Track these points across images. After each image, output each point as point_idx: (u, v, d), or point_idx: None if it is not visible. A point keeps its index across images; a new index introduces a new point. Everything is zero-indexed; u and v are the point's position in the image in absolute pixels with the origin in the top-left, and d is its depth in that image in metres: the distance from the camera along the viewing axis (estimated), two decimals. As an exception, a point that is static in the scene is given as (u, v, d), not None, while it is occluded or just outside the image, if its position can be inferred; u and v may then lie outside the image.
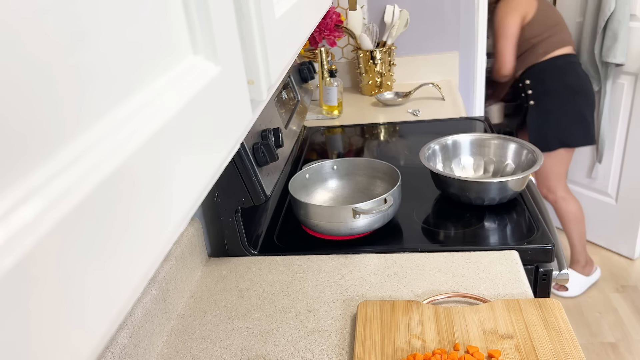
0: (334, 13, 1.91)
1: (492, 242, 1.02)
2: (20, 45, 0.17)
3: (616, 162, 2.35)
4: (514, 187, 1.08)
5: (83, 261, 0.19)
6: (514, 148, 1.21)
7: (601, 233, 2.50)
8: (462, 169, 1.26)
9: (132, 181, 0.22)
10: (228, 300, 0.94)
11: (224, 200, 1.00)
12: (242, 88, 0.37)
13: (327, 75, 1.83)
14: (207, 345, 0.84)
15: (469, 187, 1.09)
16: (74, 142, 0.20)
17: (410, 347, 0.77)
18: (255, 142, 1.00)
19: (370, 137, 1.65)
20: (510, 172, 1.20)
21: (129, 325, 0.77)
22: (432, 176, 1.16)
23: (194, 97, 0.29)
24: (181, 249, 0.95)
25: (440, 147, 1.25)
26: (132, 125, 0.23)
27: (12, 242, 0.16)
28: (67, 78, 0.20)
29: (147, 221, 0.24)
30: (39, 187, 0.18)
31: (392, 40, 2.00)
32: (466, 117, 1.69)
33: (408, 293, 0.90)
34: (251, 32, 0.38)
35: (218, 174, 0.34)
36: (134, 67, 0.24)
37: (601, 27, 2.17)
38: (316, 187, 1.21)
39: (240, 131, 0.37)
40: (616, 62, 2.17)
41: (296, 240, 1.09)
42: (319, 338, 0.83)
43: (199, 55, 0.31)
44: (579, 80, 2.13)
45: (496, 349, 0.74)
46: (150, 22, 0.26)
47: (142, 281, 0.23)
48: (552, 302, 0.81)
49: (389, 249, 1.03)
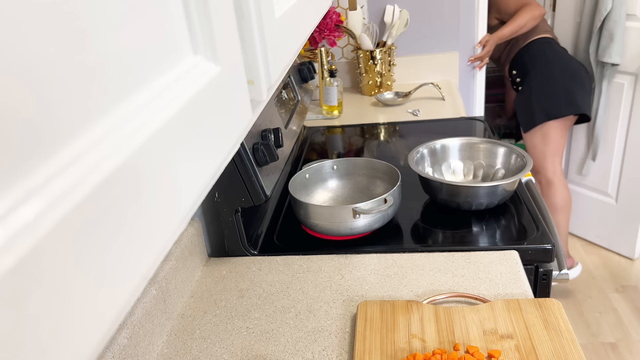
0: (334, 13, 1.91)
1: (492, 242, 1.02)
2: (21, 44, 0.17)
3: (616, 162, 2.35)
4: (504, 192, 1.07)
5: (83, 261, 0.19)
6: (503, 152, 1.21)
7: (601, 233, 2.50)
8: (452, 174, 1.25)
9: (132, 181, 0.22)
10: (228, 300, 0.94)
11: (224, 200, 1.00)
12: (242, 88, 0.37)
13: (327, 75, 1.83)
14: (207, 345, 0.84)
15: (458, 192, 1.07)
16: (74, 141, 0.20)
17: (410, 347, 0.77)
18: (255, 142, 1.00)
19: (370, 137, 1.65)
20: (500, 176, 1.19)
21: (129, 325, 0.77)
22: (420, 181, 1.15)
23: (194, 97, 0.29)
24: (181, 249, 0.95)
25: (428, 151, 1.24)
26: (132, 126, 0.23)
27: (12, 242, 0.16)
28: (67, 78, 0.20)
29: (148, 221, 0.24)
30: (39, 186, 0.18)
31: (392, 40, 2.00)
32: (466, 117, 1.69)
33: (408, 293, 0.90)
34: (251, 32, 0.38)
35: (218, 173, 0.34)
36: (133, 67, 0.24)
37: (597, 27, 2.17)
38: (316, 187, 1.21)
39: (240, 131, 0.37)
40: (612, 62, 2.17)
41: (296, 240, 1.09)
42: (319, 338, 0.83)
43: (199, 55, 0.31)
44: (557, 55, 2.14)
45: (496, 349, 0.74)
46: (150, 22, 0.26)
47: (142, 281, 0.23)
48: (552, 302, 0.81)
49: (389, 249, 1.03)
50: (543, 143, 2.15)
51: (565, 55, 2.17)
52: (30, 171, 0.17)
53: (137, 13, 0.25)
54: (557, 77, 2.11)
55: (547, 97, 2.11)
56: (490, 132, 1.56)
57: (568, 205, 2.19)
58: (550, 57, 2.13)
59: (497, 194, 1.07)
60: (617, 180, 2.37)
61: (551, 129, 2.13)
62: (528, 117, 2.15)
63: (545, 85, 2.12)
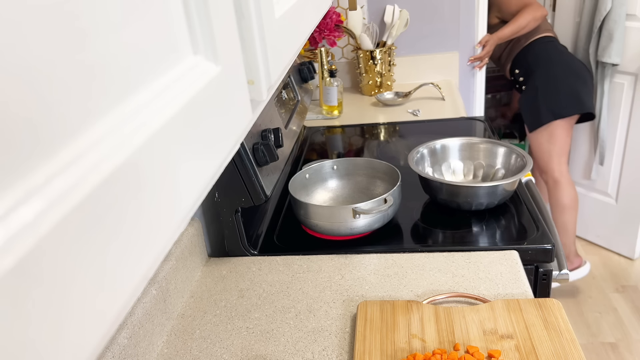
0: (334, 13, 1.91)
1: (492, 242, 1.02)
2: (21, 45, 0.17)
3: (616, 162, 2.35)
4: (504, 192, 1.07)
5: (83, 261, 0.19)
6: (503, 152, 1.21)
7: (601, 233, 2.50)
8: (452, 174, 1.25)
9: (132, 181, 0.22)
10: (228, 300, 0.94)
11: (224, 200, 1.00)
12: (242, 88, 0.37)
13: (327, 75, 1.83)
14: (207, 345, 0.84)
15: (458, 192, 1.07)
16: (74, 141, 0.20)
17: (410, 347, 0.77)
18: (255, 142, 1.00)
19: (370, 137, 1.65)
20: (500, 176, 1.19)
21: (129, 325, 0.77)
22: (420, 181, 1.15)
23: (194, 98, 0.29)
24: (181, 249, 0.95)
25: (428, 151, 1.24)
26: (132, 126, 0.23)
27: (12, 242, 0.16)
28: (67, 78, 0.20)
29: (148, 221, 0.24)
30: (39, 186, 0.18)
31: (392, 40, 2.00)
32: (466, 117, 1.69)
33: (408, 293, 0.90)
34: (251, 32, 0.38)
35: (218, 173, 0.34)
36: (133, 67, 0.24)
37: (597, 27, 2.17)
38: (316, 187, 1.21)
39: (240, 131, 0.37)
40: (611, 62, 2.17)
41: (296, 240, 1.09)
42: (319, 338, 0.83)
43: (199, 55, 0.31)
44: (560, 54, 2.14)
45: (496, 349, 0.74)
46: (151, 22, 0.26)
47: (142, 281, 0.23)
48: (552, 302, 0.81)
49: (389, 249, 1.03)
50: (549, 142, 2.14)
51: (567, 54, 2.16)
52: (30, 171, 0.17)
53: (137, 13, 0.25)
54: (561, 76, 2.10)
55: (552, 97, 2.10)
56: (490, 132, 1.56)
57: (575, 204, 2.17)
58: (554, 56, 2.13)
59: (497, 194, 1.07)
60: (617, 180, 2.37)
61: (557, 128, 2.12)
62: (534, 116, 2.13)
63: (550, 85, 2.11)
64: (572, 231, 2.20)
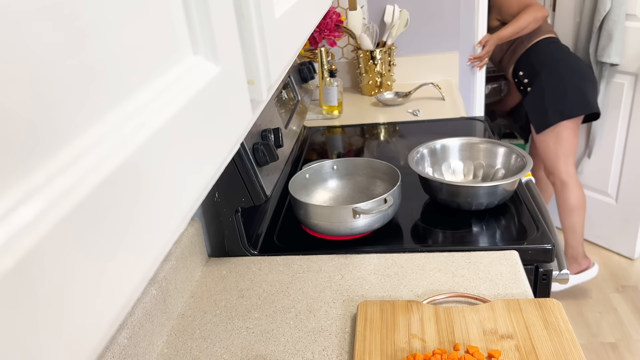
0: (334, 13, 1.91)
1: (492, 242, 1.02)
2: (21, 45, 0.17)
3: (616, 162, 2.35)
4: (504, 192, 1.07)
5: (83, 260, 0.19)
6: (503, 152, 1.21)
7: (601, 233, 2.50)
8: (452, 174, 1.25)
9: (132, 181, 0.23)
10: (228, 300, 0.94)
11: (224, 200, 1.00)
12: (242, 88, 0.37)
13: (327, 75, 1.83)
14: (207, 345, 0.84)
15: (458, 192, 1.07)
16: (74, 141, 0.20)
17: (410, 347, 0.77)
18: (255, 142, 1.00)
19: (370, 137, 1.65)
20: (500, 176, 1.19)
21: (129, 325, 0.77)
22: (420, 181, 1.15)
23: (194, 98, 0.29)
24: (181, 249, 0.95)
25: (428, 151, 1.24)
26: (132, 126, 0.23)
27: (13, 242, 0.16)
28: (67, 78, 0.20)
29: (147, 221, 0.24)
30: (39, 186, 0.18)
31: (392, 40, 2.00)
32: (466, 117, 1.69)
33: (408, 293, 0.90)
34: (251, 32, 0.38)
35: (218, 173, 0.34)
36: (133, 67, 0.24)
37: (596, 26, 2.17)
38: (316, 187, 1.21)
39: (240, 131, 0.37)
40: (611, 62, 2.17)
41: (296, 240, 1.09)
42: (319, 338, 0.83)
43: (199, 56, 0.31)
44: (564, 54, 2.13)
45: (496, 349, 0.74)
46: (151, 22, 0.26)
47: (142, 281, 0.23)
48: (552, 302, 0.81)
49: (389, 249, 1.03)
50: (556, 143, 2.13)
51: (571, 54, 2.16)
52: (30, 171, 0.17)
53: (137, 13, 0.25)
54: (567, 77, 2.09)
55: (560, 97, 2.09)
56: (490, 132, 1.56)
57: (583, 205, 2.17)
58: (559, 57, 2.12)
59: (497, 194, 1.07)
60: (617, 180, 2.37)
61: (564, 129, 2.11)
62: (541, 118, 2.12)
63: (557, 86, 2.10)
64: (580, 232, 2.20)
